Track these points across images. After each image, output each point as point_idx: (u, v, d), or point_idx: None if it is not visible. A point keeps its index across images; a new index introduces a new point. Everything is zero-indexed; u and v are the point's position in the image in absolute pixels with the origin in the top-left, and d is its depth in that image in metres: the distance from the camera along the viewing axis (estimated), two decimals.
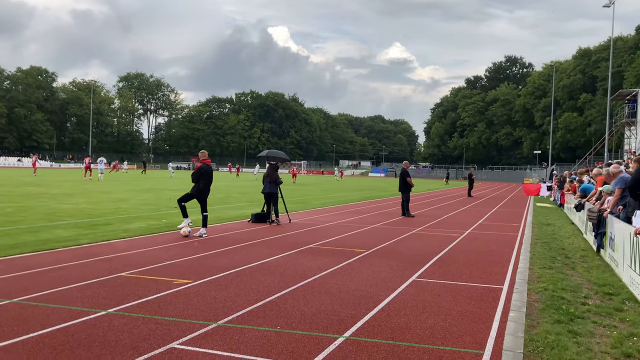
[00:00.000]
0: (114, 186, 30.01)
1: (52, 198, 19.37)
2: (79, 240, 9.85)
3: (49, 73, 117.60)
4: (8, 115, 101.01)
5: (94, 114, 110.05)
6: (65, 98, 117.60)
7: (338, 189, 36.92)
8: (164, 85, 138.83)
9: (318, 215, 16.74)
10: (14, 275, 6.82)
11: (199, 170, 11.18)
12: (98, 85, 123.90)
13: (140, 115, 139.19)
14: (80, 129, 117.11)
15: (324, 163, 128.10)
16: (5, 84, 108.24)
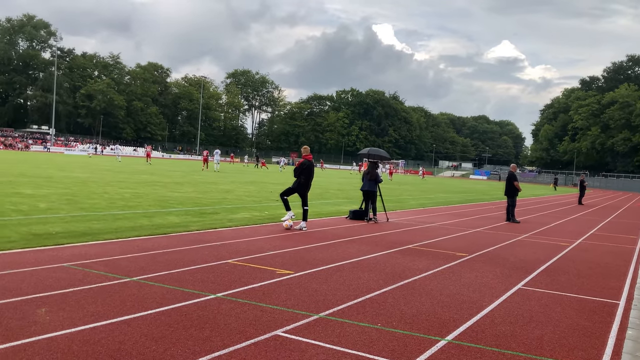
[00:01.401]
0: (220, 178, 31.46)
1: (164, 186, 20.68)
2: (189, 226, 10.44)
3: (164, 69, 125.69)
4: (127, 108, 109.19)
5: (202, 108, 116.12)
6: (178, 93, 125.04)
7: (436, 190, 36.15)
8: (268, 82, 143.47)
9: (417, 216, 16.50)
10: (133, 255, 7.36)
11: (300, 165, 11.43)
12: (208, 81, 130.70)
13: (245, 111, 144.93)
14: (189, 122, 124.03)
15: (422, 163, 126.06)
16: (126, 79, 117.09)
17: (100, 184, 19.36)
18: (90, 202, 13.28)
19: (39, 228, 8.94)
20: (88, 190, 16.70)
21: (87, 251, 7.44)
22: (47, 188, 16.34)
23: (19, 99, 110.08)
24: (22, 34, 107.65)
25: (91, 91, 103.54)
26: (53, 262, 6.60)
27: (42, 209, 11.43)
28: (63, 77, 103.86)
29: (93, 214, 11.28)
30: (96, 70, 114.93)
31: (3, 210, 10.76)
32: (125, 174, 27.61)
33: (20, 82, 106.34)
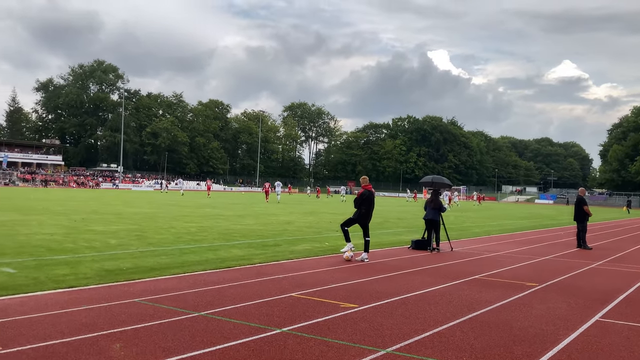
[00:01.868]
0: (279, 209, 31.84)
1: (226, 219, 21.14)
2: (252, 259, 10.59)
3: (224, 105, 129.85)
4: (190, 144, 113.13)
5: (261, 141, 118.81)
6: (237, 127, 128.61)
7: (501, 216, 35.07)
8: (324, 113, 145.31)
9: (481, 244, 16.04)
10: (200, 290, 7.52)
11: (361, 195, 11.41)
12: (265, 115, 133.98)
13: (302, 142, 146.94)
14: (249, 155, 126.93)
15: (484, 188, 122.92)
16: (189, 116, 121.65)
17: (166, 219, 20.02)
18: (158, 237, 13.74)
19: (111, 264, 9.31)
20: (155, 225, 17.31)
21: (157, 286, 7.67)
22: (117, 224, 17.06)
23: (90, 140, 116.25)
24: (93, 79, 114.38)
25: (156, 129, 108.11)
26: (125, 298, 6.84)
27: (113, 245, 11.92)
28: (130, 117, 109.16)
29: (161, 248, 11.66)
30: (160, 109, 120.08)
31: (78, 247, 11.31)
32: (190, 208, 28.45)
33: (91, 123, 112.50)
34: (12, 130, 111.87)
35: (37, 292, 7.00)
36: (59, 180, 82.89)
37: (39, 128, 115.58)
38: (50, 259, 9.62)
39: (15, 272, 8.16)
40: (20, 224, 15.66)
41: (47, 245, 11.28)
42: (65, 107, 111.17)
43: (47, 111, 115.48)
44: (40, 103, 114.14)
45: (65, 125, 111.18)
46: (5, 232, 13.34)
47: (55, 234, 13.39)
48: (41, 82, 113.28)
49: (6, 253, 10.01)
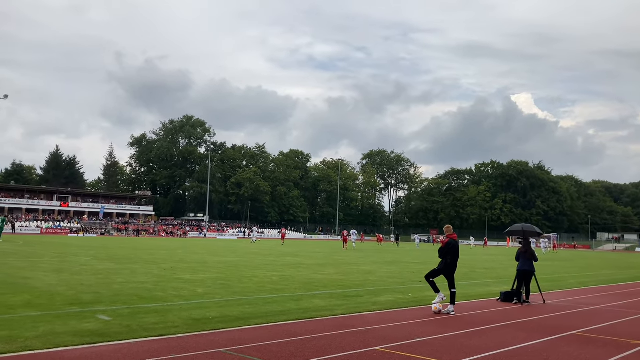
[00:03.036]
0: (360, 258, 31.57)
1: (307, 268, 21.19)
2: (334, 310, 10.48)
3: (304, 155, 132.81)
4: (272, 193, 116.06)
5: (340, 189, 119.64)
6: (317, 176, 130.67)
7: (598, 266, 32.73)
8: (403, 160, 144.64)
9: (577, 297, 14.98)
10: (283, 341, 7.51)
11: (446, 245, 11.08)
12: (344, 163, 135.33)
13: (382, 190, 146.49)
14: (329, 204, 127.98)
15: (577, 236, 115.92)
16: (271, 166, 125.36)
17: (249, 268, 20.39)
18: (242, 286, 13.98)
19: (198, 313, 9.54)
20: (239, 274, 17.65)
21: (241, 336, 7.74)
22: (203, 273, 17.57)
23: (179, 190, 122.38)
24: (182, 133, 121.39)
25: (240, 180, 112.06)
26: (211, 348, 6.94)
27: (199, 293, 12.25)
28: (216, 168, 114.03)
29: (245, 298, 11.83)
30: (244, 160, 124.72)
31: (167, 295, 11.72)
32: (272, 257, 28.85)
33: (180, 175, 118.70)
34: (109, 183, 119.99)
35: (130, 339, 7.27)
36: (150, 229, 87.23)
37: (133, 180, 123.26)
38: (141, 307, 10.02)
39: (111, 320, 8.55)
40: (114, 273, 16.51)
41: (139, 294, 11.77)
42: (156, 160, 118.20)
43: (140, 164, 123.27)
44: (134, 157, 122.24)
45: (156, 177, 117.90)
46: (102, 281, 14.09)
47: (146, 283, 13.97)
48: (135, 138, 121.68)
49: (102, 301, 10.54)
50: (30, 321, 8.23)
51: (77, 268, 17.72)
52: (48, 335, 7.26)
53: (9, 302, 9.95)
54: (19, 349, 6.49)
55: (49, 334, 7.34)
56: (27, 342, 6.83)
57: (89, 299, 10.67)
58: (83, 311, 9.28)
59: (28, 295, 10.98)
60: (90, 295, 11.26)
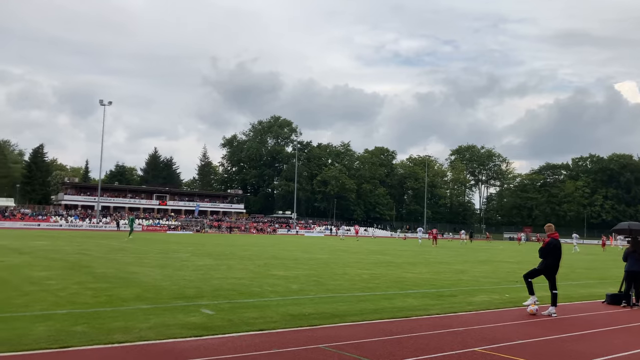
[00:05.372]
0: (452, 257, 30.92)
1: (398, 267, 21.08)
2: (428, 310, 10.38)
3: (390, 152, 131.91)
4: (357, 191, 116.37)
5: (428, 186, 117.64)
6: (403, 173, 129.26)
7: None
8: (494, 155, 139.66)
9: None
10: (380, 339, 7.56)
11: (547, 245, 10.61)
12: (432, 159, 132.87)
13: (472, 186, 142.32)
14: (415, 201, 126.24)
15: None
16: (356, 164, 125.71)
17: (340, 265, 20.62)
18: (334, 283, 14.18)
19: (294, 309, 9.81)
20: (330, 271, 17.91)
21: (338, 333, 7.89)
22: (296, 270, 17.99)
23: (267, 189, 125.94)
24: (270, 133, 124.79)
25: (326, 178, 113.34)
26: (310, 343, 7.14)
27: (294, 290, 12.58)
28: (302, 167, 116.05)
29: (338, 295, 12.00)
30: (329, 159, 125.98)
31: (264, 291, 12.14)
32: (361, 255, 28.97)
33: (268, 174, 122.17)
34: (203, 182, 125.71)
35: (233, 333, 7.63)
36: (241, 226, 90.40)
37: (225, 179, 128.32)
38: (241, 302, 10.46)
39: (214, 314, 9.01)
40: (213, 269, 17.31)
41: (237, 289, 12.28)
42: (246, 160, 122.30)
43: (231, 164, 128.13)
44: (225, 157, 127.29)
45: (246, 176, 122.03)
46: (202, 276, 14.84)
47: (243, 278, 14.54)
48: (227, 139, 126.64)
49: (204, 296, 11.11)
50: (141, 313, 8.84)
51: (179, 264, 18.76)
52: (159, 327, 7.78)
53: (121, 295, 10.74)
54: (135, 339, 7.01)
55: (159, 326, 7.86)
56: (141, 333, 7.36)
57: (192, 294, 11.28)
58: (188, 305, 9.84)
59: (137, 289, 11.79)
60: (193, 290, 11.90)
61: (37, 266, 16.17)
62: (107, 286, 12.00)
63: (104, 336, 7.08)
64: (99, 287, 11.74)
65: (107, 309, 9.14)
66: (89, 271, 15.19)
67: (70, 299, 9.99)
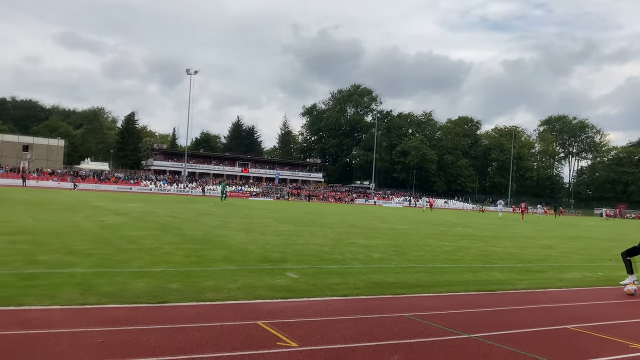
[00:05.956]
0: (539, 232, 29.76)
1: (481, 240, 20.56)
2: (516, 284, 10.06)
3: (474, 122, 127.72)
4: (438, 162, 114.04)
5: (514, 158, 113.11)
6: (488, 144, 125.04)
7: None
8: (588, 126, 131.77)
9: None
10: (465, 311, 7.43)
11: None
12: (519, 130, 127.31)
13: (561, 159, 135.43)
14: (500, 174, 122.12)
15: None
16: (438, 134, 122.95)
17: (420, 236, 20.41)
18: (415, 254, 14.07)
19: (377, 277, 9.84)
20: (411, 242, 17.77)
21: (422, 303, 7.83)
22: (376, 239, 18.01)
23: (346, 159, 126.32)
24: (350, 102, 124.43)
25: (406, 148, 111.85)
26: (394, 312, 7.14)
27: (375, 258, 12.61)
28: (382, 136, 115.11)
29: (419, 265, 11.90)
30: (410, 128, 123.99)
31: (345, 258, 12.26)
32: (442, 227, 28.52)
33: (347, 144, 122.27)
34: (283, 151, 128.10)
35: (317, 297, 7.78)
36: (320, 195, 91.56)
37: (304, 149, 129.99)
38: (323, 267, 10.62)
39: (298, 278, 9.22)
40: (295, 235, 17.69)
41: (319, 255, 12.49)
42: (325, 129, 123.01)
43: (311, 133, 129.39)
44: (305, 126, 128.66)
45: (325, 145, 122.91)
46: (285, 241, 15.20)
47: (324, 245, 14.75)
48: (306, 108, 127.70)
49: (288, 260, 11.39)
50: (230, 274, 9.20)
51: (263, 229, 19.33)
52: (247, 288, 8.07)
53: (210, 257, 11.23)
54: (225, 298, 7.32)
55: (247, 287, 8.15)
56: (230, 293, 7.67)
57: (277, 258, 11.60)
58: (273, 268, 10.13)
59: (225, 251, 12.28)
60: (277, 254, 12.23)
61: (133, 226, 17.23)
62: (197, 247, 12.58)
63: (197, 294, 7.45)
64: (190, 248, 12.34)
65: (198, 268, 9.60)
66: (179, 233, 15.99)
67: (164, 258, 10.57)
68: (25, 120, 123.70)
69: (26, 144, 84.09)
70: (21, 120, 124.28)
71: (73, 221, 17.90)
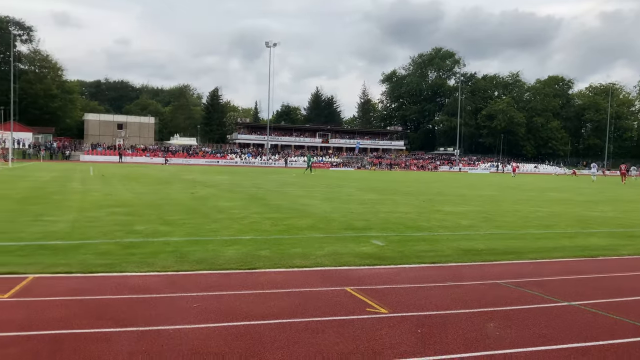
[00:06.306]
0: (636, 195, 27.71)
1: (577, 205, 19.43)
2: (617, 250, 9.41)
3: (565, 81, 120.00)
4: (527, 125, 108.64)
5: (611, 118, 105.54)
6: (581, 104, 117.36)
7: None
8: None
9: None
10: (563, 278, 7.03)
11: None
12: (617, 87, 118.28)
13: None
14: (595, 135, 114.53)
15: None
16: (526, 96, 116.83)
17: (509, 202, 19.61)
18: (505, 220, 13.52)
19: (466, 244, 9.54)
20: (499, 208, 17.11)
21: (516, 270, 7.50)
22: (463, 206, 17.49)
23: (428, 125, 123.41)
24: (431, 66, 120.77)
25: (492, 111, 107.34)
26: (487, 279, 6.88)
27: (463, 225, 12.24)
28: (466, 100, 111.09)
29: (511, 232, 11.42)
30: (496, 91, 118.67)
31: (432, 226, 11.99)
32: (534, 192, 27.26)
33: (429, 109, 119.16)
34: (363, 120, 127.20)
35: (404, 264, 7.65)
36: (402, 163, 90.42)
37: (384, 116, 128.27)
38: (409, 235, 10.45)
39: (384, 245, 9.12)
40: (378, 203, 17.56)
41: (404, 223, 12.30)
42: (406, 95, 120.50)
43: (391, 100, 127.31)
44: (385, 93, 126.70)
45: (406, 112, 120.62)
46: (368, 210, 15.12)
47: (409, 213, 14.52)
48: (386, 75, 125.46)
49: (373, 227, 11.30)
50: (316, 242, 9.27)
51: (345, 197, 19.35)
52: (333, 255, 8.08)
53: (297, 225, 11.38)
54: (313, 265, 7.37)
55: (333, 254, 8.16)
56: (317, 260, 7.71)
57: (361, 225, 11.55)
58: (358, 236, 10.09)
59: (310, 219, 12.39)
60: (361, 222, 12.17)
61: (222, 197, 17.82)
62: (283, 216, 12.79)
63: (286, 260, 7.56)
64: (276, 217, 12.56)
65: (285, 236, 9.75)
66: (265, 203, 16.34)
67: (252, 227, 10.83)
68: (118, 100, 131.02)
69: (120, 122, 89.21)
70: (115, 100, 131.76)
71: (166, 193, 18.79)
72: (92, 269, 6.72)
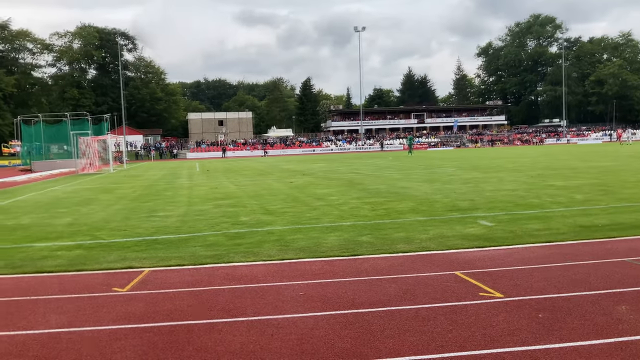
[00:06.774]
0: None
1: None
2: None
3: None
4: None
5: None
6: None
7: None
8: None
9: None
10: None
11: None
12: None
13: None
14: None
15: None
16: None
17: (631, 172, 17.99)
18: (629, 192, 12.38)
19: (583, 220, 8.82)
20: (619, 179, 15.74)
21: None
22: (576, 179, 16.29)
23: (530, 97, 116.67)
24: (530, 35, 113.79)
25: (601, 76, 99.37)
26: (610, 257, 6.28)
27: (578, 200, 11.35)
28: (571, 67, 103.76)
29: (636, 204, 10.41)
30: (605, 54, 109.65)
31: (543, 202, 11.23)
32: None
33: (530, 80, 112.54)
34: (459, 97, 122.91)
35: (517, 245, 7.19)
36: (504, 139, 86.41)
37: (482, 91, 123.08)
38: (519, 213, 9.84)
39: (493, 225, 8.65)
40: (482, 181, 16.80)
41: (512, 201, 11.63)
42: (504, 67, 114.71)
43: (488, 74, 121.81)
44: (481, 67, 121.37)
45: (505, 85, 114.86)
46: (472, 189, 14.49)
47: (517, 190, 13.74)
48: (481, 48, 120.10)
49: (479, 207, 10.79)
50: (419, 225, 8.99)
51: (446, 178, 18.73)
52: (439, 238, 7.78)
53: (397, 208, 11.13)
54: (418, 249, 7.13)
55: (439, 237, 7.85)
56: (422, 244, 7.45)
57: (466, 206, 11.06)
58: (463, 217, 9.66)
59: (411, 202, 12.08)
60: (466, 202, 11.67)
61: (320, 185, 17.92)
62: (382, 200, 12.59)
63: (388, 246, 7.38)
64: (375, 201, 12.38)
65: (386, 221, 9.55)
66: (362, 187, 16.20)
67: (352, 212, 10.74)
68: (217, 98, 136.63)
69: (220, 119, 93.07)
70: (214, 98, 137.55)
71: (267, 184, 19.24)
72: (202, 260, 6.95)
